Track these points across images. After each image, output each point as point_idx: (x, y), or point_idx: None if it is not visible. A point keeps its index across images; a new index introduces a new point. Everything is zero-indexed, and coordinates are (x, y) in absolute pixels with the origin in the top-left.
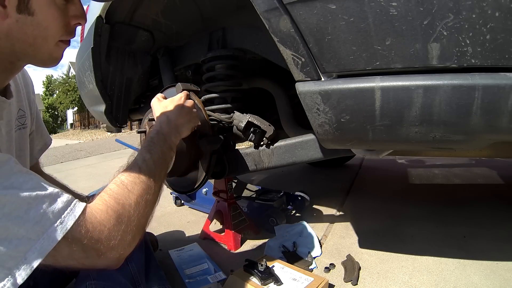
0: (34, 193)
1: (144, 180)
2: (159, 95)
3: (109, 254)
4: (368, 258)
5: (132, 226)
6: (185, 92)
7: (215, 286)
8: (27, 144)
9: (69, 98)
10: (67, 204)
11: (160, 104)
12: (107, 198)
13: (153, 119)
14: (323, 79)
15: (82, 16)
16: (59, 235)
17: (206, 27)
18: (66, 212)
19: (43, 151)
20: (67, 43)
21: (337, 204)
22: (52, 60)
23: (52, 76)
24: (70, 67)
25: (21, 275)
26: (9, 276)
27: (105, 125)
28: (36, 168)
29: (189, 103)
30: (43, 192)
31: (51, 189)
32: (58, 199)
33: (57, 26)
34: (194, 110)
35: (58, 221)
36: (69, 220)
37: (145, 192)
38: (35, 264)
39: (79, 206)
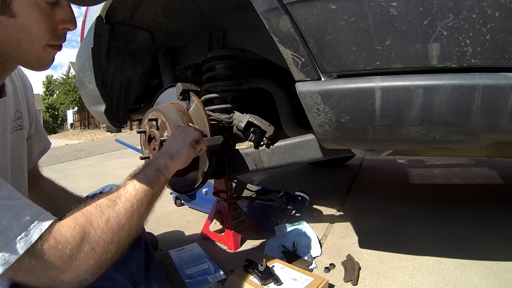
0: (1, 203)
1: (119, 204)
2: None
3: (68, 275)
4: (368, 258)
5: (97, 249)
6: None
7: (215, 286)
8: (25, 146)
9: (69, 98)
10: (34, 216)
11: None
12: (79, 216)
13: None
14: (323, 79)
15: (70, 21)
16: (22, 248)
17: (206, 27)
18: (32, 225)
19: (42, 154)
20: (57, 48)
21: (337, 204)
22: (40, 64)
23: (52, 76)
24: (70, 67)
25: None
26: None
27: (105, 125)
28: (35, 171)
29: (184, 124)
30: (11, 203)
31: (19, 201)
32: (26, 211)
33: (42, 30)
34: (190, 126)
35: (23, 234)
36: (34, 233)
37: (118, 216)
38: None
39: (47, 220)
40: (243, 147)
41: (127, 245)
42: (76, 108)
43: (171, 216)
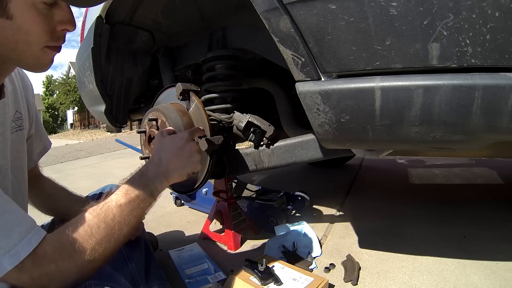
0: None
1: (110, 226)
2: (165, 131)
3: (55, 285)
4: (368, 258)
5: (82, 267)
6: (189, 132)
7: (215, 286)
8: (24, 146)
9: (69, 99)
10: (25, 234)
11: (160, 142)
12: (65, 238)
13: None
14: (323, 79)
15: (69, 22)
16: (10, 265)
17: (206, 27)
18: (21, 243)
19: (42, 154)
20: (56, 49)
21: (337, 204)
22: (38, 66)
23: (52, 76)
24: (70, 67)
25: None
26: None
27: (105, 125)
28: (35, 171)
29: (191, 146)
30: (2, 219)
31: (12, 216)
32: (16, 228)
33: (40, 31)
34: (197, 154)
35: (12, 251)
36: (23, 251)
37: (106, 239)
38: None
39: (36, 237)
40: (243, 147)
41: (113, 255)
42: (76, 108)
43: (171, 216)
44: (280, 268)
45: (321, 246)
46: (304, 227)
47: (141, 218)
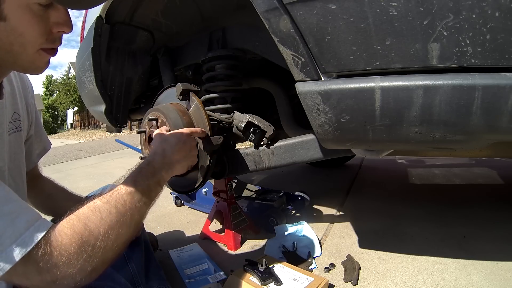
0: None
1: (122, 212)
2: (163, 128)
3: (64, 281)
4: (368, 258)
5: (95, 257)
6: (190, 130)
7: (215, 286)
8: (22, 147)
9: (69, 98)
10: (31, 222)
11: (162, 137)
12: (76, 222)
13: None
14: (323, 79)
15: (65, 24)
16: (18, 256)
17: (206, 27)
18: (28, 232)
19: (42, 155)
20: (52, 52)
21: (337, 204)
22: (34, 69)
23: (52, 76)
24: (70, 67)
25: None
26: None
27: (105, 125)
28: (34, 172)
29: (191, 140)
30: (7, 207)
31: (16, 204)
32: (22, 216)
33: (35, 33)
34: (195, 149)
35: (19, 240)
36: (30, 240)
37: (119, 225)
38: None
39: (43, 226)
40: (243, 147)
41: (125, 247)
42: (76, 108)
43: (171, 216)
44: (280, 268)
45: (321, 246)
46: (304, 227)
47: (150, 206)
